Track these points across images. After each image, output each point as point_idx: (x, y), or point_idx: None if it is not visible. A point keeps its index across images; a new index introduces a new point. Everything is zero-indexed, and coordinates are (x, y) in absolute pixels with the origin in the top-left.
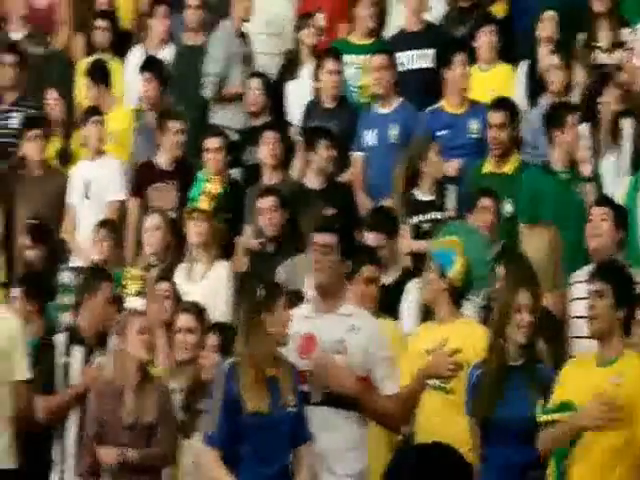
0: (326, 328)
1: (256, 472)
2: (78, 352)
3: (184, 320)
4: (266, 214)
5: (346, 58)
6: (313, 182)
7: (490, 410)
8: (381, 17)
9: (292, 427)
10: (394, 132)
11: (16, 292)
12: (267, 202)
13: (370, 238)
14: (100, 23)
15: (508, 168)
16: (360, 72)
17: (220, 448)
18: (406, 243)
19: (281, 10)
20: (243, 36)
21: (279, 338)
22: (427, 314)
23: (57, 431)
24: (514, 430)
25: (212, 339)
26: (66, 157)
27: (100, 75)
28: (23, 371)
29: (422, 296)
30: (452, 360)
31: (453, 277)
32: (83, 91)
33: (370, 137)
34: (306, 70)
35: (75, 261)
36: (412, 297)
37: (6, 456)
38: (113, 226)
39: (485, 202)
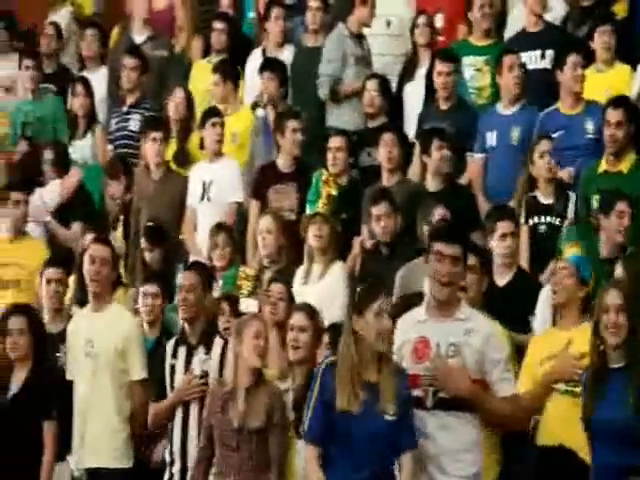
0: (441, 332)
1: (345, 475)
2: (182, 353)
3: (296, 319)
4: (380, 221)
5: (465, 60)
6: (431, 184)
7: (590, 412)
8: (501, 17)
9: (391, 435)
10: (515, 134)
11: (150, 289)
12: (380, 209)
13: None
14: (218, 25)
15: (624, 166)
16: (479, 74)
17: (317, 444)
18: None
19: (401, 12)
20: (360, 37)
21: (373, 342)
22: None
23: (168, 431)
24: (613, 432)
25: (327, 338)
26: (183, 158)
27: (229, 72)
28: (138, 371)
29: (555, 300)
30: (578, 364)
31: (590, 284)
32: (197, 92)
33: (490, 138)
34: (423, 71)
35: None
36: (545, 301)
37: (122, 455)
38: (229, 230)
39: (621, 206)
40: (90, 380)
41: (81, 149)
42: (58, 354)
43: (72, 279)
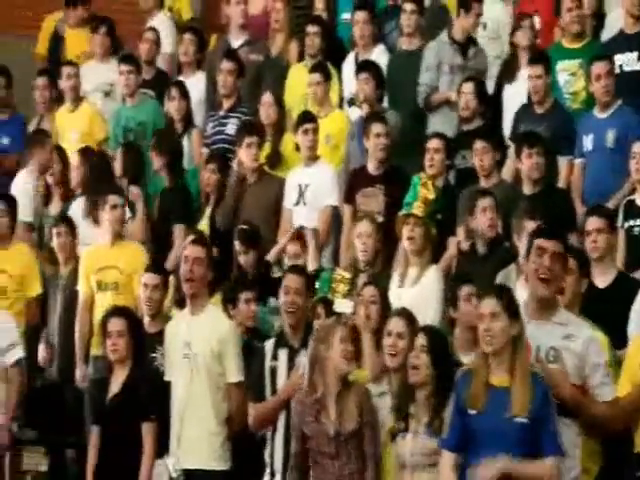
0: (541, 336)
1: None
2: (283, 355)
3: (395, 324)
4: (487, 214)
5: (559, 65)
6: (526, 188)
7: None
8: (600, 19)
9: (524, 439)
10: (611, 136)
11: (246, 295)
12: (487, 202)
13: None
14: (312, 29)
15: None
16: (573, 78)
17: (453, 451)
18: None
19: (499, 14)
20: (465, 45)
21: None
22: None
23: (267, 433)
24: None
25: (421, 340)
26: (276, 160)
27: (328, 72)
28: (235, 374)
29: None
30: None
31: None
32: (294, 95)
33: (587, 142)
34: (524, 73)
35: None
36: None
37: (220, 457)
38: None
39: None
40: (188, 382)
41: None
42: (154, 354)
43: (172, 281)
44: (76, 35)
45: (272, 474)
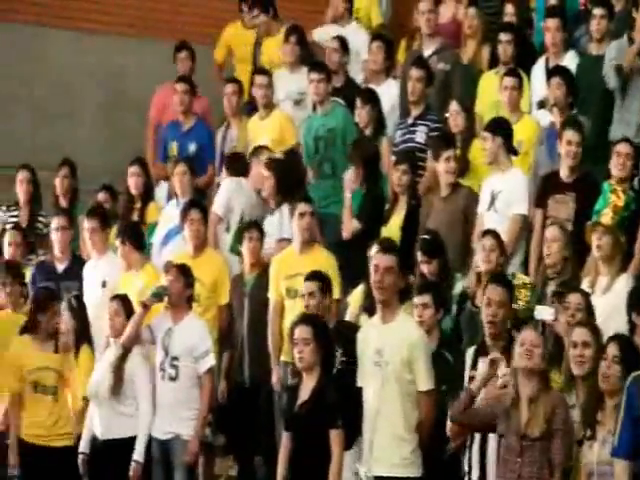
0: None
1: None
2: (482, 364)
3: (580, 334)
4: None
5: None
6: None
7: None
8: None
9: None
10: None
11: (422, 299)
12: None
13: None
14: (504, 37)
15: None
16: None
17: (627, 459)
18: None
19: None
20: None
21: None
22: None
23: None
24: None
25: (613, 349)
26: (464, 169)
27: (521, 79)
28: (425, 382)
29: None
30: None
31: None
32: (485, 102)
33: None
34: None
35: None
36: None
37: (411, 465)
38: (496, 235)
39: None
40: (378, 389)
41: None
42: None
43: (359, 288)
44: (270, 43)
45: None
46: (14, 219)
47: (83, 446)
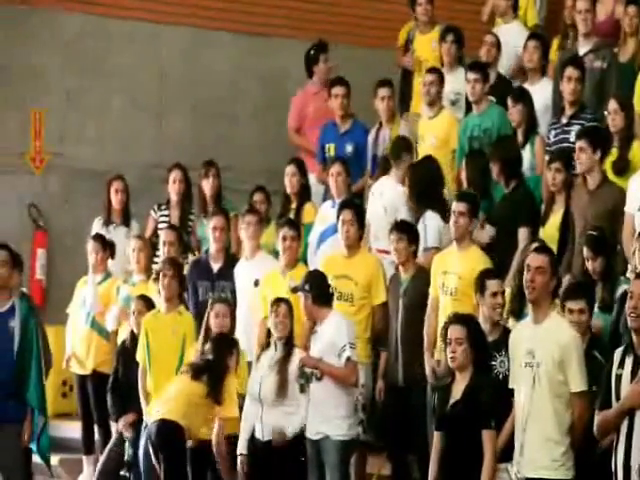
0: None
1: None
2: (629, 363)
3: None
4: None
5: None
6: None
7: None
8: None
9: None
10: None
11: (578, 305)
12: None
13: None
14: None
15: None
16: None
17: None
18: None
19: None
20: None
21: None
22: None
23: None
24: None
25: None
26: (622, 166)
27: None
28: (578, 383)
29: None
30: None
31: None
32: None
33: None
34: None
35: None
36: None
37: (561, 467)
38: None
39: None
40: (529, 390)
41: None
42: (493, 363)
43: (508, 291)
44: (422, 40)
45: None
46: (165, 218)
47: (242, 447)
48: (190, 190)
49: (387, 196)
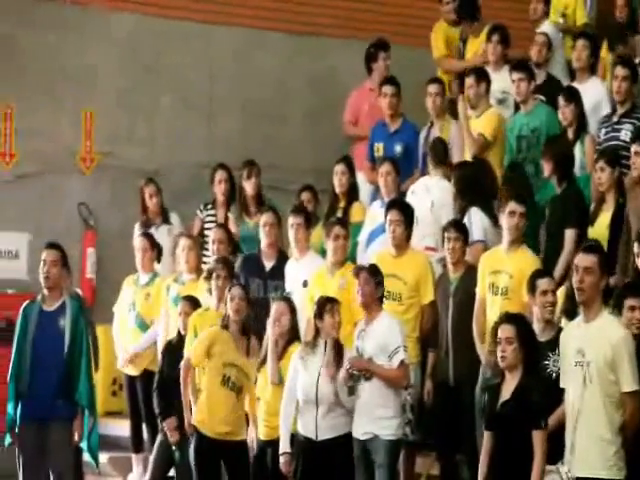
0: None
1: None
2: None
3: None
4: None
5: None
6: None
7: None
8: None
9: None
10: None
11: (631, 302)
12: None
13: None
14: None
15: None
16: None
17: None
18: None
19: None
20: None
21: None
22: None
23: None
24: None
25: None
26: None
27: None
28: (629, 382)
29: None
30: None
31: None
32: None
33: None
34: None
35: None
36: None
37: (612, 467)
38: None
39: None
40: (580, 389)
41: None
42: (546, 362)
43: (561, 290)
44: (475, 42)
45: None
46: (211, 217)
47: (284, 446)
48: (235, 189)
49: (434, 191)
